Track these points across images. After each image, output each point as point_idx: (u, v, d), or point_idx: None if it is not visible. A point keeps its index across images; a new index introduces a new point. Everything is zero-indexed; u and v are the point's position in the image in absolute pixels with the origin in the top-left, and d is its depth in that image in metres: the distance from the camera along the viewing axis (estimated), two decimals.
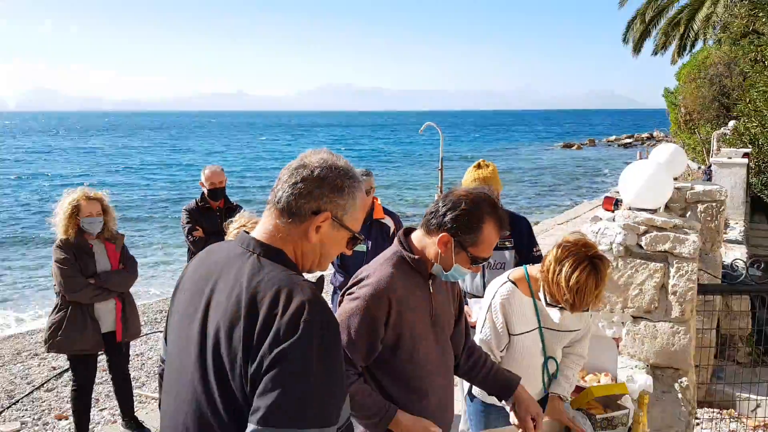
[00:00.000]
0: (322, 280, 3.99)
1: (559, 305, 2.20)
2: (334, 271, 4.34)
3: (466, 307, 3.15)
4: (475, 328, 2.53)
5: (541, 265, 2.28)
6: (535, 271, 2.36)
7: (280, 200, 1.37)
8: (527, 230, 3.43)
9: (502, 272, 2.61)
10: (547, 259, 2.22)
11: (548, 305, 2.26)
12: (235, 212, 4.16)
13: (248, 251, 1.36)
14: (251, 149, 54.73)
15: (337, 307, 2.02)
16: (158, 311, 8.09)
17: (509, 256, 3.35)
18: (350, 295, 1.90)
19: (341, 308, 1.90)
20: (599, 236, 3.37)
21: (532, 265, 2.47)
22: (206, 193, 4.77)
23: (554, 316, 2.30)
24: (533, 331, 2.36)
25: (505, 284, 2.37)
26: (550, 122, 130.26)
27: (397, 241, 2.00)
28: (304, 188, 1.36)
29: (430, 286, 1.98)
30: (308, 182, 1.36)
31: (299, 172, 1.38)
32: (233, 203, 4.92)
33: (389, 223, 4.17)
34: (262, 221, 1.43)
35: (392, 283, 1.86)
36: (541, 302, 2.31)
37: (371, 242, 4.05)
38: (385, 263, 1.93)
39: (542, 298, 2.27)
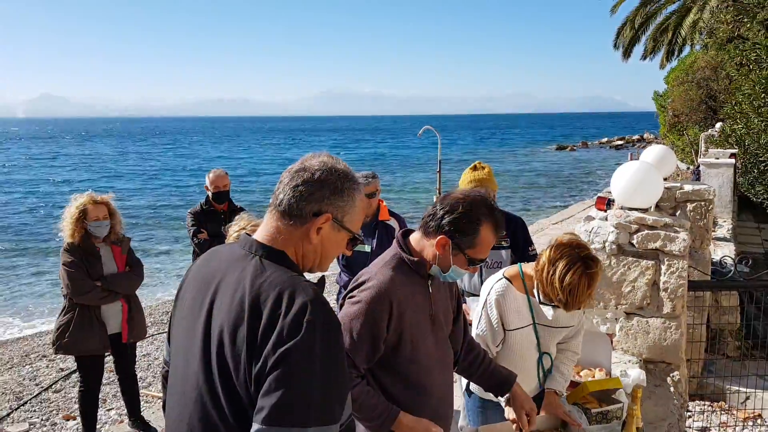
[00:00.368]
0: (323, 280, 4.04)
1: (552, 303, 2.23)
2: (339, 270, 4.37)
3: (464, 305, 3.23)
4: (472, 325, 2.61)
5: (534, 264, 2.30)
6: (529, 268, 2.39)
7: (281, 203, 1.39)
8: (523, 230, 3.47)
9: (498, 271, 2.61)
10: (540, 259, 2.24)
11: (542, 303, 2.29)
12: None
13: (250, 253, 1.37)
14: (254, 153, 54.74)
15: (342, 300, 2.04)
16: (164, 312, 8.12)
17: (506, 255, 3.39)
18: (351, 298, 1.91)
19: (343, 311, 1.91)
20: (592, 235, 3.39)
21: (526, 263, 2.51)
22: (211, 196, 4.83)
23: (548, 313, 2.35)
24: (528, 327, 2.39)
25: (500, 281, 2.41)
26: (544, 125, 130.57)
27: (396, 243, 2.02)
28: (305, 191, 1.37)
29: (429, 286, 2.00)
30: (309, 185, 1.38)
31: (300, 175, 1.39)
32: (237, 206, 4.95)
33: (394, 224, 4.19)
34: (263, 223, 1.44)
35: (393, 285, 1.88)
36: (535, 299, 2.35)
37: (376, 243, 4.06)
38: (385, 266, 1.95)
39: (536, 295, 2.30)
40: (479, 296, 2.55)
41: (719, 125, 11.71)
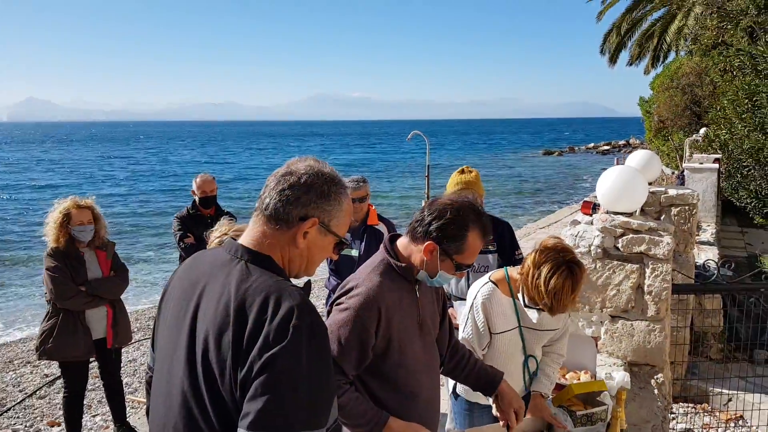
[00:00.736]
0: (309, 285, 4.03)
1: (537, 307, 2.25)
2: (328, 275, 4.37)
3: (451, 309, 3.23)
4: (458, 328, 2.62)
5: (520, 268, 2.32)
6: (515, 272, 2.41)
7: (267, 207, 1.37)
8: (509, 234, 3.49)
9: (485, 275, 2.62)
10: (526, 263, 2.26)
11: (527, 306, 2.31)
12: None
13: (236, 258, 1.35)
14: (242, 158, 54.46)
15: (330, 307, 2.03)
16: (150, 318, 8.06)
17: (492, 259, 3.40)
18: (339, 305, 1.90)
19: (331, 318, 1.90)
20: (578, 239, 3.40)
21: (512, 266, 2.52)
22: (197, 201, 4.81)
23: (533, 316, 2.37)
24: (513, 330, 2.41)
25: (486, 285, 2.42)
26: (532, 130, 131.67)
27: (383, 248, 2.01)
28: (291, 195, 1.36)
29: (416, 291, 1.99)
30: (295, 189, 1.36)
31: (286, 179, 1.38)
32: (224, 211, 4.92)
33: (383, 229, 4.18)
34: (249, 228, 1.42)
35: (381, 292, 1.87)
36: (520, 302, 2.37)
37: (364, 247, 4.05)
38: (372, 272, 1.94)
39: (521, 299, 2.32)
40: (466, 300, 2.56)
41: (703, 130, 11.87)
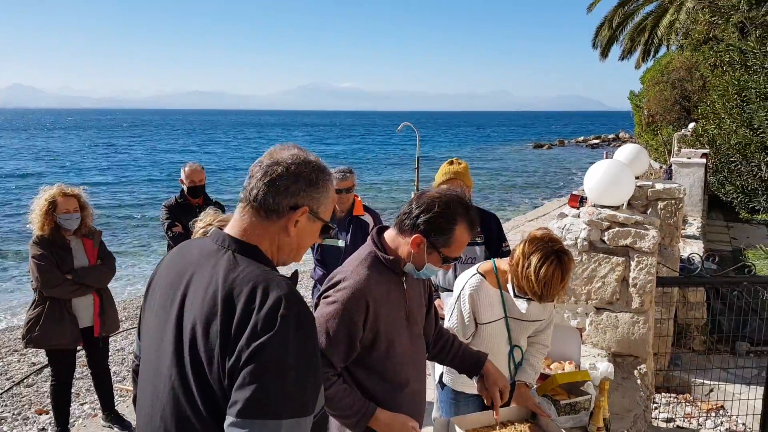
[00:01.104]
0: (296, 275, 4.05)
1: (526, 296, 2.27)
2: (314, 266, 4.39)
3: (438, 300, 3.26)
4: (444, 318, 2.63)
5: (509, 258, 2.34)
6: (502, 264, 2.44)
7: (256, 198, 1.37)
8: (497, 227, 3.50)
9: (472, 266, 2.64)
10: (515, 253, 2.28)
11: (516, 296, 2.33)
12: None
13: (223, 248, 1.36)
14: (231, 148, 53.94)
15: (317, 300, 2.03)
16: (138, 307, 8.04)
17: (479, 251, 3.42)
18: (327, 298, 1.90)
19: (319, 311, 1.90)
20: (565, 232, 3.44)
21: (500, 258, 2.55)
22: (186, 190, 4.78)
23: (521, 306, 2.39)
24: (499, 320, 2.44)
25: (474, 276, 2.44)
26: (522, 124, 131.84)
27: (370, 240, 2.01)
28: (281, 185, 1.36)
29: (403, 283, 2.00)
30: (284, 179, 1.36)
31: (274, 169, 1.37)
32: (213, 201, 4.92)
33: (368, 219, 4.22)
34: (235, 218, 1.41)
35: (369, 284, 1.88)
36: (507, 293, 2.39)
37: (350, 238, 4.08)
38: (360, 264, 1.94)
39: (510, 289, 2.34)
40: (453, 291, 2.58)
41: (692, 125, 11.96)
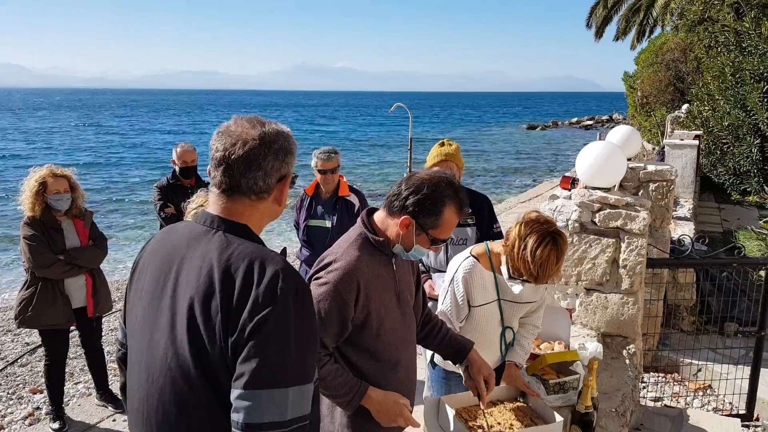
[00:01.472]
0: (284, 252, 4.07)
1: (521, 279, 2.29)
2: (300, 246, 4.41)
3: (429, 281, 3.28)
4: (436, 300, 2.64)
5: (504, 241, 2.35)
6: (495, 246, 2.45)
7: (240, 186, 1.37)
8: (488, 208, 3.51)
9: (464, 248, 2.68)
10: (510, 235, 2.29)
11: (511, 278, 2.34)
12: None
13: (212, 228, 1.37)
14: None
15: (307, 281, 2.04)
16: None
17: (471, 232, 3.43)
18: (318, 279, 1.92)
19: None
20: (556, 213, 3.45)
21: (492, 241, 2.56)
22: (178, 171, 4.76)
23: (515, 288, 2.41)
24: (492, 303, 2.45)
25: (467, 259, 2.45)
26: (516, 104, 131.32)
27: (360, 221, 2.03)
28: (268, 166, 1.38)
29: (393, 264, 2.02)
30: (270, 158, 1.38)
31: (257, 152, 1.36)
32: (205, 182, 4.87)
33: (354, 200, 4.22)
34: (219, 199, 1.40)
35: (359, 265, 1.89)
36: (500, 276, 2.41)
37: (336, 218, 4.09)
38: (350, 246, 1.95)
39: (504, 272, 2.35)
40: (445, 272, 2.58)
41: (686, 107, 11.94)
